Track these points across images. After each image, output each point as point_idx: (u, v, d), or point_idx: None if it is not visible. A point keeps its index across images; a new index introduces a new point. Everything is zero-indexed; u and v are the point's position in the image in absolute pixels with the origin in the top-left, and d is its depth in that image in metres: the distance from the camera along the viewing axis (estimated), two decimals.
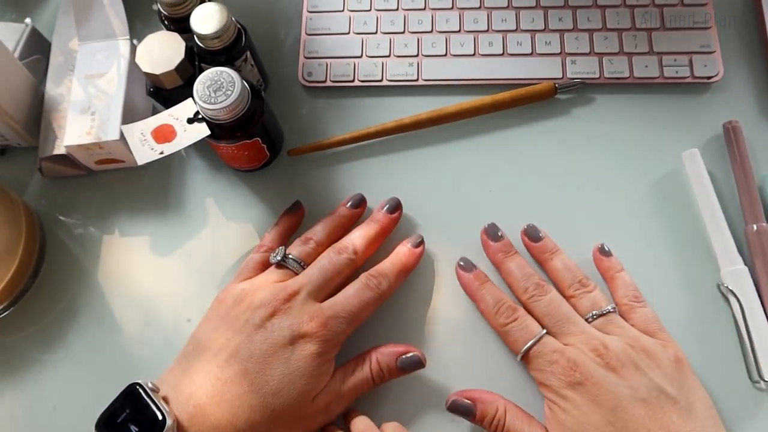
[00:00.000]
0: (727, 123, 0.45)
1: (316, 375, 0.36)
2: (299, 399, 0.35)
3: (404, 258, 0.41)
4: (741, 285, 0.41)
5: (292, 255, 0.40)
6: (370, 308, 0.39)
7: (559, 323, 0.38)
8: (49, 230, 0.46)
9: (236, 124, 0.40)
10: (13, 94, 0.44)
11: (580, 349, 0.36)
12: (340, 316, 0.37)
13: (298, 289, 0.37)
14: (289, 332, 0.36)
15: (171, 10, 0.43)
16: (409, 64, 0.48)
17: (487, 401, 0.37)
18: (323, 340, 0.36)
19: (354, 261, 0.40)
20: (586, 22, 0.48)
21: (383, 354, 0.38)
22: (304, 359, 0.35)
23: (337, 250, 0.40)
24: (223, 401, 0.34)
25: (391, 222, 0.43)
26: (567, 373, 0.35)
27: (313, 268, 0.39)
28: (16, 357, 0.43)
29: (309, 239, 0.41)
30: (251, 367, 0.35)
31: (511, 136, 0.47)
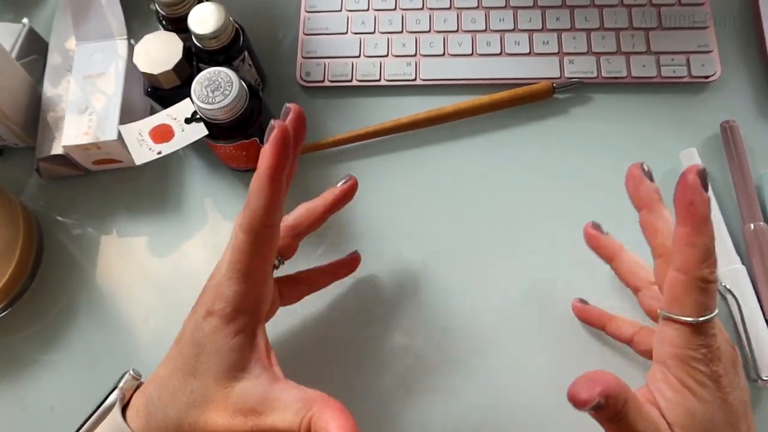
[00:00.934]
0: (724, 122, 0.45)
1: (231, 354, 0.32)
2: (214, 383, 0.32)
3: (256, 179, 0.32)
4: (738, 284, 0.41)
5: None
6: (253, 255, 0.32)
7: None
8: (47, 231, 0.46)
9: (234, 124, 0.40)
10: (10, 95, 0.44)
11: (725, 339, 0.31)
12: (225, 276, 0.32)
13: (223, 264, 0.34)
14: (201, 310, 0.33)
15: (169, 10, 0.42)
16: (407, 63, 0.48)
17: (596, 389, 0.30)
18: (217, 313, 0.32)
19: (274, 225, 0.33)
20: (583, 22, 0.48)
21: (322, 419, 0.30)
22: (212, 334, 0.32)
23: None
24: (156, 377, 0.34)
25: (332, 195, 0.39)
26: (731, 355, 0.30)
27: None
28: (14, 358, 0.43)
29: None
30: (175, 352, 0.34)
31: (509, 135, 0.47)
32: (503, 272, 0.43)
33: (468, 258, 0.44)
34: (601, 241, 0.39)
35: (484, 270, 0.43)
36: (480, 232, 0.44)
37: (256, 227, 0.31)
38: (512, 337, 0.41)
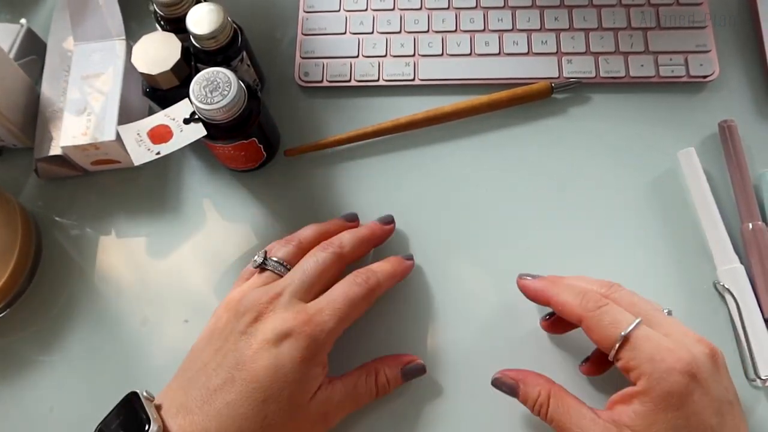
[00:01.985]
0: (722, 122, 0.45)
1: (305, 379, 0.34)
2: (291, 404, 0.34)
3: (394, 262, 0.40)
4: (737, 283, 0.41)
5: (274, 257, 0.38)
6: (360, 306, 0.37)
7: (650, 312, 0.33)
8: (45, 231, 0.46)
9: (233, 124, 0.40)
10: (8, 95, 0.44)
11: (688, 340, 0.32)
12: (325, 312, 0.35)
13: (281, 290, 0.36)
14: (272, 333, 0.34)
15: (167, 10, 0.42)
16: (405, 63, 0.48)
17: (530, 383, 0.35)
18: (309, 338, 0.34)
19: (340, 256, 0.38)
20: (582, 22, 0.48)
21: (388, 366, 0.38)
22: (287, 356, 0.34)
23: (323, 246, 0.38)
24: (212, 410, 0.33)
25: (383, 231, 0.42)
26: (681, 361, 0.31)
27: (297, 267, 0.37)
28: (12, 359, 0.43)
29: (291, 239, 0.40)
30: (238, 375, 0.33)
31: (508, 135, 0.47)
32: (502, 271, 0.43)
33: (467, 257, 0.44)
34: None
35: (482, 269, 0.43)
36: (478, 232, 0.44)
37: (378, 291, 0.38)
38: (512, 337, 0.41)
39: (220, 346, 0.35)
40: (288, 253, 0.39)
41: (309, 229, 0.41)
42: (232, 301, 0.37)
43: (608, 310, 0.33)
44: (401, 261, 0.41)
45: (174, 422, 0.33)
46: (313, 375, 0.35)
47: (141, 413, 0.33)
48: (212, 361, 0.35)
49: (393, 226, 0.43)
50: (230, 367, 0.34)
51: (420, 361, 0.39)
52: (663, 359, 0.31)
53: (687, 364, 0.31)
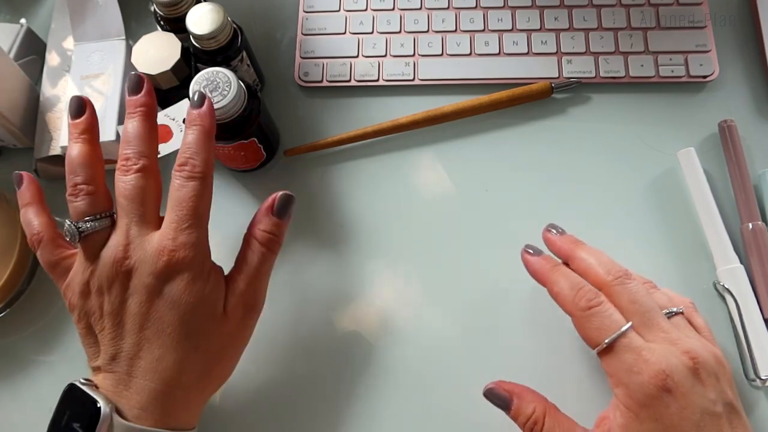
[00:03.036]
0: (722, 122, 0.45)
1: (207, 294, 0.33)
2: (211, 324, 0.33)
3: (200, 121, 0.35)
4: (737, 283, 0.41)
5: (81, 219, 0.34)
6: (203, 199, 0.34)
7: (647, 315, 0.33)
8: None
9: (232, 124, 0.40)
10: (8, 95, 0.44)
11: (671, 351, 0.32)
12: (181, 226, 0.33)
13: (125, 238, 0.33)
14: (154, 279, 0.32)
15: (167, 10, 0.42)
16: (405, 63, 0.48)
17: (525, 398, 0.34)
18: (187, 261, 0.32)
19: (146, 167, 0.34)
20: (582, 22, 0.48)
21: (259, 222, 0.36)
22: (184, 292, 0.32)
23: (121, 169, 0.34)
24: (145, 371, 0.32)
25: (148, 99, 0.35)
26: (658, 376, 0.31)
27: (118, 207, 0.34)
28: (12, 359, 0.43)
29: (76, 187, 0.34)
30: (146, 333, 0.32)
31: (508, 135, 0.47)
32: (502, 271, 0.43)
33: (467, 257, 0.44)
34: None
35: (483, 269, 0.43)
36: (478, 231, 0.44)
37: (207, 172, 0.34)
38: (512, 337, 0.41)
39: (110, 319, 0.33)
40: (88, 205, 0.34)
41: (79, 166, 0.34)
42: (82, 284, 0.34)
43: (598, 311, 0.33)
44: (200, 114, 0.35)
45: (118, 397, 0.32)
46: (210, 287, 0.33)
47: (86, 399, 0.32)
48: (112, 333, 0.33)
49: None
50: (136, 331, 0.33)
51: (284, 192, 0.36)
52: (639, 371, 0.31)
53: (662, 379, 0.31)
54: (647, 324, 0.33)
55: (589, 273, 0.35)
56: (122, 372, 0.33)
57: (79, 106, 0.35)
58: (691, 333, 0.34)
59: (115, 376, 0.33)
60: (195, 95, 0.35)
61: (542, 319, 0.41)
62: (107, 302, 0.33)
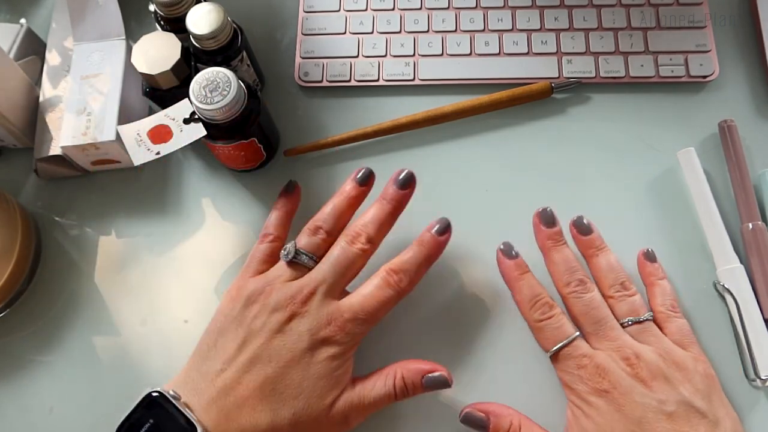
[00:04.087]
0: (722, 122, 0.45)
1: (335, 376, 0.35)
2: (319, 402, 0.35)
3: (428, 248, 0.38)
4: (737, 283, 0.41)
5: (303, 250, 0.38)
6: (389, 306, 0.37)
7: (595, 325, 0.37)
8: (45, 231, 0.46)
9: (232, 124, 0.40)
10: (8, 95, 0.44)
11: (611, 357, 0.36)
12: (358, 317, 0.36)
13: (314, 289, 0.37)
14: (308, 337, 0.35)
15: (167, 10, 0.42)
16: (405, 63, 0.48)
17: (500, 415, 0.37)
18: (342, 343, 0.36)
19: (367, 251, 0.38)
20: (581, 22, 0.48)
21: (409, 370, 0.37)
22: (323, 362, 0.35)
23: (350, 239, 0.38)
24: (246, 406, 0.34)
25: (404, 198, 0.40)
26: (594, 379, 0.35)
27: (327, 263, 0.38)
28: (12, 359, 0.43)
29: (318, 228, 0.39)
30: (271, 372, 0.35)
31: (508, 135, 0.47)
32: None
33: (467, 257, 0.44)
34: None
35: (483, 269, 0.43)
36: (479, 231, 0.44)
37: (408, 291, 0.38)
38: (512, 337, 0.41)
39: (248, 340, 0.36)
40: (315, 244, 0.39)
41: (328, 212, 0.40)
42: (257, 292, 0.37)
43: (548, 324, 0.37)
44: (436, 241, 0.39)
45: (209, 420, 0.33)
46: (341, 372, 0.36)
47: (178, 416, 0.33)
48: (241, 355, 0.35)
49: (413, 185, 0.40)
50: (263, 365, 0.35)
51: (444, 373, 0.37)
52: (580, 375, 0.36)
53: (598, 381, 0.35)
54: (596, 333, 0.37)
55: (552, 277, 0.39)
56: (222, 394, 0.34)
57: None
58: (651, 338, 0.37)
59: (213, 397, 0.34)
60: (439, 224, 0.39)
61: None
62: (260, 321, 0.36)
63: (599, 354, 0.36)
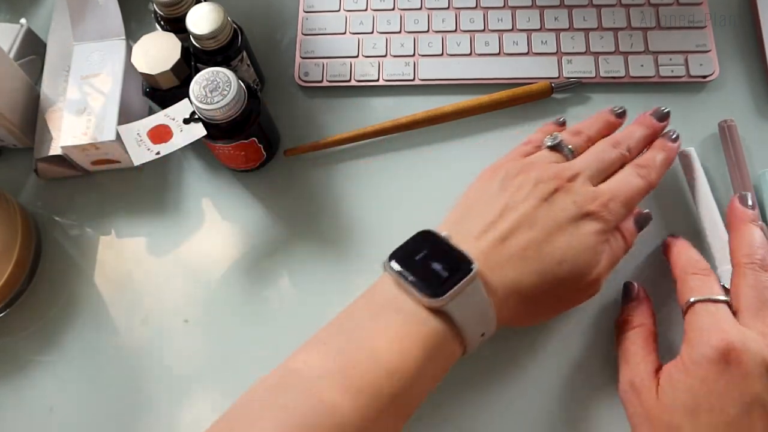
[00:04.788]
0: (722, 122, 0.45)
1: (598, 251, 0.36)
2: (580, 271, 0.36)
3: (667, 151, 0.41)
4: None
5: (568, 144, 0.40)
6: (639, 197, 0.39)
7: (760, 303, 0.34)
8: (45, 231, 0.46)
9: (232, 124, 0.40)
10: (8, 95, 0.44)
11: (756, 338, 0.33)
12: (617, 198, 0.37)
13: (579, 171, 0.38)
14: (574, 209, 0.36)
15: (167, 10, 0.42)
16: (405, 63, 0.48)
17: (638, 310, 0.39)
18: (605, 220, 0.36)
19: (625, 158, 0.40)
20: (581, 22, 0.48)
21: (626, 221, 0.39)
22: (588, 235, 0.36)
23: (612, 143, 0.40)
24: (510, 261, 0.34)
25: (659, 129, 0.42)
26: (725, 346, 0.32)
27: (590, 155, 0.39)
28: (12, 359, 0.43)
29: (580, 132, 0.41)
30: (537, 236, 0.35)
31: (508, 135, 0.47)
32: None
33: None
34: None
35: None
36: None
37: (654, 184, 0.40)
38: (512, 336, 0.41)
39: (514, 204, 0.36)
40: (579, 144, 0.40)
41: (590, 122, 0.42)
42: (523, 166, 0.38)
43: (699, 277, 0.37)
44: (672, 147, 0.41)
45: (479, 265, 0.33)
46: (601, 250, 0.36)
47: (456, 250, 0.33)
48: (507, 216, 0.36)
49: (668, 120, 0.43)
50: (529, 227, 0.35)
51: (645, 211, 0.40)
52: (709, 336, 0.33)
53: (727, 349, 0.32)
54: (753, 312, 0.34)
55: (731, 247, 0.38)
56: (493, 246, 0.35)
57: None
58: None
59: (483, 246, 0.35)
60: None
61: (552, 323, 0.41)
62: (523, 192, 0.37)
63: (746, 330, 0.33)
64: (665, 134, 0.42)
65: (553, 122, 0.44)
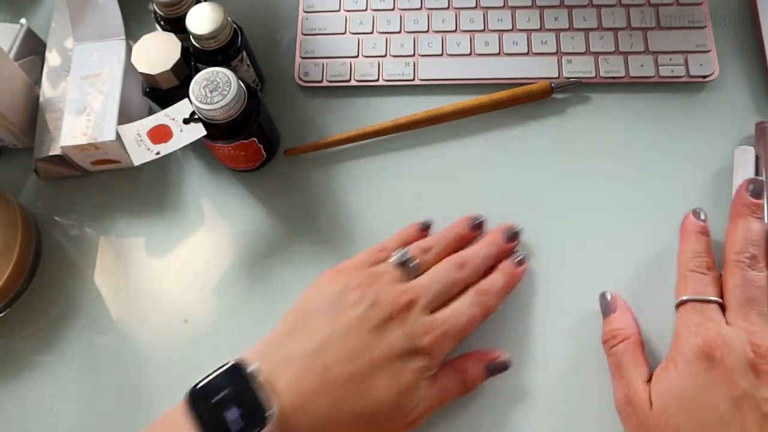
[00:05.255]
0: (759, 123, 0.44)
1: (419, 388, 0.35)
2: (399, 409, 0.35)
3: (510, 278, 0.40)
4: None
5: (414, 260, 0.39)
6: (475, 326, 0.38)
7: (744, 301, 0.35)
8: (45, 231, 0.46)
9: (232, 124, 0.40)
10: (8, 95, 0.44)
11: (740, 336, 0.34)
12: (450, 333, 0.37)
13: (417, 297, 0.37)
14: (405, 343, 0.35)
15: (167, 10, 0.42)
16: (405, 63, 0.48)
17: (622, 321, 0.38)
18: (433, 357, 0.36)
19: (468, 282, 0.39)
20: (581, 22, 0.48)
21: (473, 361, 0.38)
22: (413, 373, 0.35)
23: (457, 265, 0.39)
24: (327, 398, 0.33)
25: (509, 249, 0.42)
26: (709, 343, 0.33)
27: (432, 277, 0.38)
28: (12, 359, 0.43)
29: (429, 248, 0.40)
30: (361, 369, 0.34)
31: (507, 135, 0.47)
32: None
33: None
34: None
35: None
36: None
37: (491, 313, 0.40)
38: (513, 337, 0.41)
39: (342, 329, 0.35)
40: (426, 261, 0.40)
41: (446, 239, 0.41)
42: (362, 280, 0.37)
43: (697, 275, 0.37)
44: (515, 271, 0.41)
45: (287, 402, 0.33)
46: (423, 385, 0.36)
47: (255, 393, 0.32)
48: (332, 343, 0.35)
49: (517, 242, 0.42)
50: (354, 359, 0.34)
51: (504, 357, 0.39)
52: (696, 333, 0.34)
53: (712, 346, 0.33)
54: (740, 309, 0.35)
55: (725, 242, 0.38)
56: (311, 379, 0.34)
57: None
58: None
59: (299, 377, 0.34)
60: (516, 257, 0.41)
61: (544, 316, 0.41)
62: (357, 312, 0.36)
63: (729, 328, 0.34)
64: (513, 256, 0.41)
65: (417, 226, 0.43)
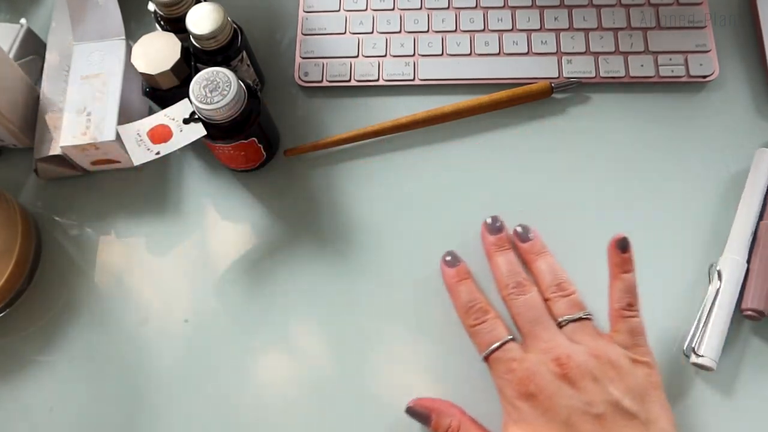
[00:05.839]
0: None
1: None
2: None
3: None
4: (731, 273, 0.41)
5: None
6: None
7: (530, 324, 0.37)
8: (45, 231, 0.46)
9: (232, 124, 0.40)
10: (8, 95, 0.44)
11: (541, 359, 0.35)
12: None
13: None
14: None
15: (167, 10, 0.42)
16: (405, 63, 0.48)
17: (443, 413, 0.38)
18: None
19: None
20: (581, 22, 0.48)
21: None
22: None
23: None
24: None
25: None
26: (522, 383, 0.35)
27: None
28: (12, 359, 0.43)
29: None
30: None
31: (507, 135, 0.47)
32: None
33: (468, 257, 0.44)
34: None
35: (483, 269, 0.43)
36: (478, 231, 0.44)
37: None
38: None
39: None
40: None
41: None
42: None
43: (481, 328, 0.38)
44: None
45: None
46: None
47: None
48: None
49: None
50: None
51: None
52: (510, 380, 0.35)
53: (525, 385, 0.35)
54: (530, 333, 0.37)
55: (495, 281, 0.40)
56: None
57: None
58: (585, 337, 0.36)
59: None
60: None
61: None
62: None
63: (529, 357, 0.36)
64: None
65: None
